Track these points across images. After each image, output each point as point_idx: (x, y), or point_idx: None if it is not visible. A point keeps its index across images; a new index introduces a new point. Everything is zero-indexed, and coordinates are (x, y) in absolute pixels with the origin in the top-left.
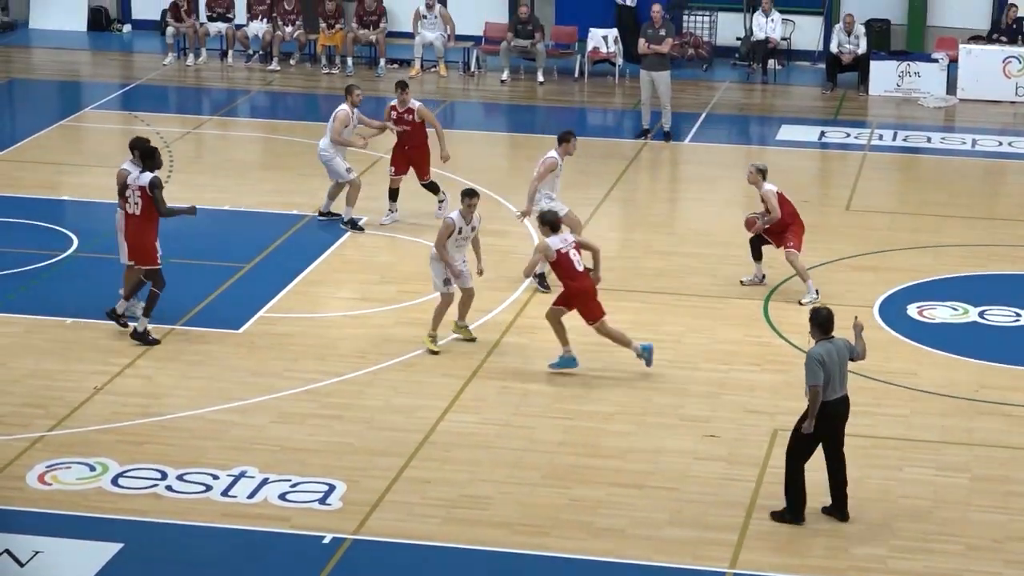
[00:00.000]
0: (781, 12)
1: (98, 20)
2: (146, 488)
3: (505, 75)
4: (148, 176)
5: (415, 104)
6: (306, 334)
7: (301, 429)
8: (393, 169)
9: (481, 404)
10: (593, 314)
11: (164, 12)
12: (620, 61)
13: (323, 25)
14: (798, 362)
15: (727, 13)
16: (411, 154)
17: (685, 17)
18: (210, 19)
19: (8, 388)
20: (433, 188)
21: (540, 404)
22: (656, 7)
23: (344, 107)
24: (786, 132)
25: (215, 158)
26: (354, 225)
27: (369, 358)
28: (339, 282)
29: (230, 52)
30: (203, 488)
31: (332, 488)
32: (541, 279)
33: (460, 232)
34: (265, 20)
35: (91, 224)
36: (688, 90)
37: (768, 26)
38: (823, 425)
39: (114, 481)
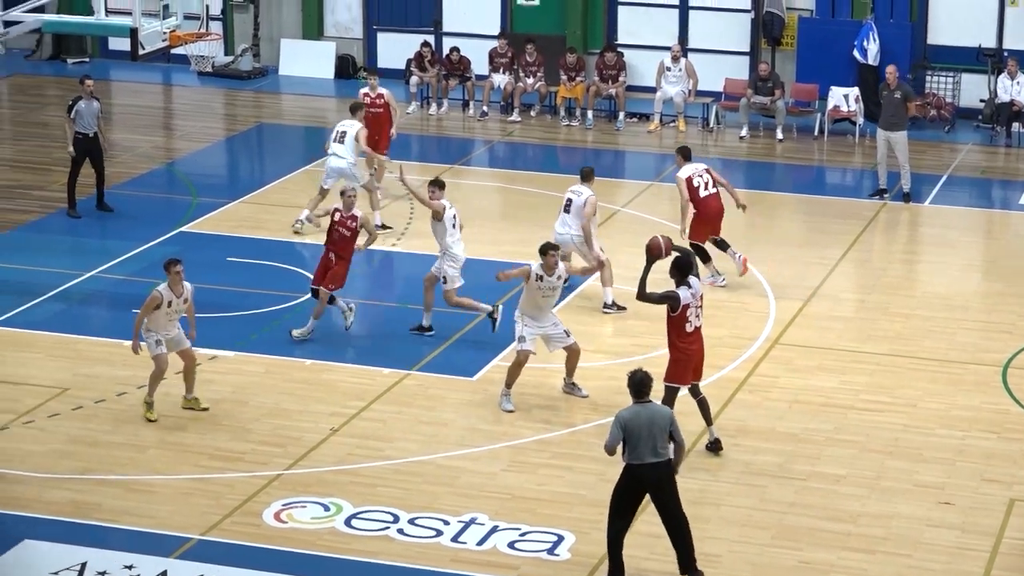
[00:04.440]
0: None
1: (344, 68)
2: (378, 530)
3: (744, 131)
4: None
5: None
6: (539, 384)
7: (532, 478)
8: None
9: (711, 461)
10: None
11: (408, 62)
12: (861, 120)
13: (564, 77)
14: None
15: (971, 74)
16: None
17: (928, 78)
18: (446, 77)
19: (248, 426)
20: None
21: (772, 463)
22: (891, 68)
23: (591, 194)
24: None
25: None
26: (617, 307)
27: (601, 410)
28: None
29: (471, 103)
30: (434, 533)
31: (561, 539)
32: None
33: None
34: (507, 72)
35: None
36: (930, 152)
37: (1013, 88)
38: (635, 488)
39: (347, 522)
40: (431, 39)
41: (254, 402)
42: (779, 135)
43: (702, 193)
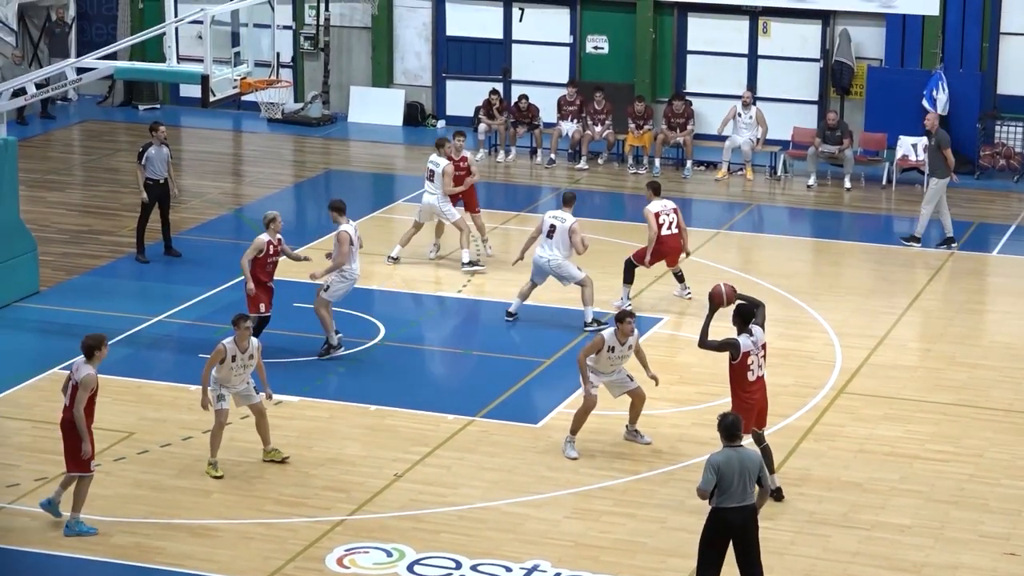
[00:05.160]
0: None
1: (413, 115)
2: None
3: (812, 180)
4: None
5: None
6: (603, 431)
7: (595, 525)
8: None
9: (774, 509)
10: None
11: (477, 109)
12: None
13: (632, 125)
14: None
15: None
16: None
17: (997, 128)
18: (514, 125)
19: (312, 471)
20: None
21: (836, 512)
22: (930, 115)
23: (572, 220)
24: None
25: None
26: (598, 323)
27: (665, 457)
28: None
29: (539, 150)
30: None
31: None
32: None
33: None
34: (575, 120)
35: (398, 313)
36: (998, 201)
37: None
38: (722, 533)
39: (410, 568)
40: (500, 87)
41: (318, 447)
42: (847, 184)
43: (663, 232)
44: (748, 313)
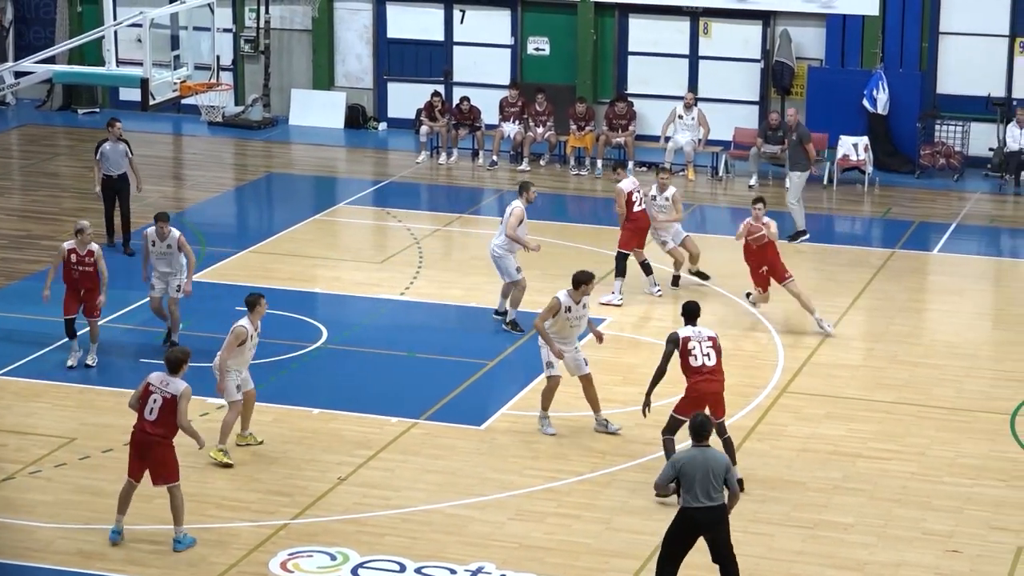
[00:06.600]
0: None
1: (355, 117)
2: None
3: (753, 180)
4: None
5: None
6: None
7: (540, 527)
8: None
9: None
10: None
11: (419, 111)
12: (870, 169)
13: (573, 127)
14: None
15: (980, 123)
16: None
17: (937, 127)
18: (456, 127)
19: (256, 476)
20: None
21: (779, 511)
22: (791, 110)
23: (519, 203)
24: None
25: (463, 255)
26: (515, 326)
27: (608, 459)
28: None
29: (481, 152)
30: None
31: None
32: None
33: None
34: (517, 122)
35: (341, 316)
36: (939, 200)
37: (1022, 137)
38: (688, 531)
39: (354, 572)
40: (441, 89)
41: (261, 451)
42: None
43: (635, 208)
44: (693, 311)
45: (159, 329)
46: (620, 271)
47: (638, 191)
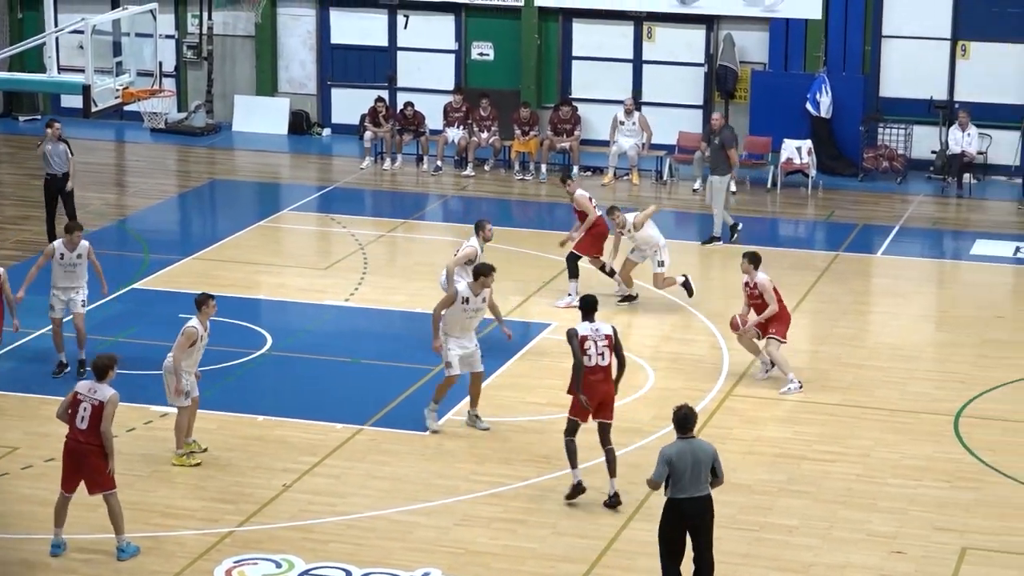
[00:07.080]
0: (978, 126)
1: (299, 123)
2: None
3: (697, 184)
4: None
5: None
6: (493, 437)
7: (485, 532)
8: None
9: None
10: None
11: (363, 117)
12: (814, 172)
13: (518, 132)
14: (990, 479)
15: (922, 126)
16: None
17: (880, 130)
18: (400, 132)
19: (200, 483)
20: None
21: (725, 515)
22: (715, 115)
23: (473, 243)
24: (981, 247)
25: (407, 261)
26: None
27: (553, 463)
28: (527, 387)
29: (425, 157)
30: None
31: None
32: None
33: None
34: (461, 127)
35: (286, 323)
36: (882, 203)
37: (964, 140)
38: (678, 523)
39: None
40: (385, 94)
41: (206, 459)
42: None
43: (598, 211)
44: (591, 305)
45: (101, 337)
46: (573, 273)
47: (592, 198)
